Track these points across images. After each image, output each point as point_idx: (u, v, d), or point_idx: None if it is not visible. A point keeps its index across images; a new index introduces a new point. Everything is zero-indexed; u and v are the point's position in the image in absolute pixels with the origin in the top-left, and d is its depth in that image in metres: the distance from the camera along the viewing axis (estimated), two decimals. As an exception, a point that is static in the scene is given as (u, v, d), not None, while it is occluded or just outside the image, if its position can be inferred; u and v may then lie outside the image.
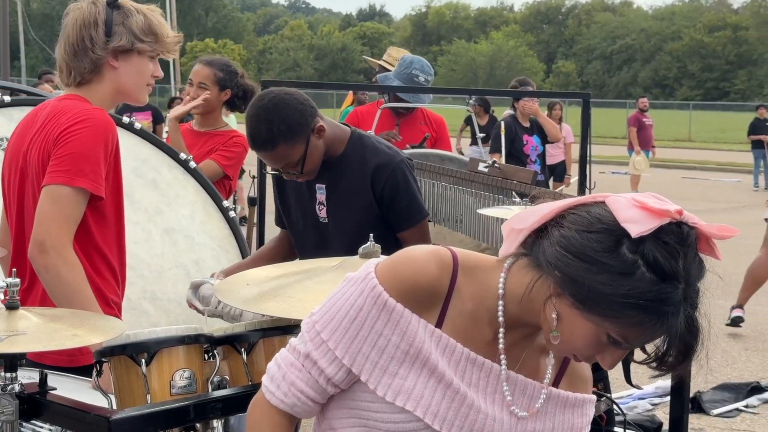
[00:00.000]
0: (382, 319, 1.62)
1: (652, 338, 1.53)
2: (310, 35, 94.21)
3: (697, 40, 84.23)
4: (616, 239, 1.51)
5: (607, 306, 1.50)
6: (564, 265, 1.53)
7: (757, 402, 6.16)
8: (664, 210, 1.52)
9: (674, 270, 1.50)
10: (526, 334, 1.70)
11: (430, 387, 1.63)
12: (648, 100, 20.12)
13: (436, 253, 1.65)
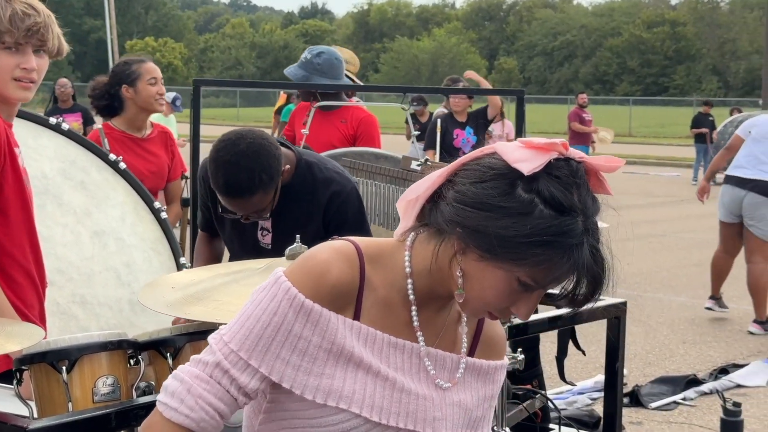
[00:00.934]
0: (300, 321, 1.58)
1: (561, 275, 1.53)
2: (252, 33, 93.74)
3: (636, 36, 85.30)
4: (510, 182, 1.53)
5: (512, 249, 1.50)
6: (464, 219, 1.54)
7: (694, 394, 6.22)
8: (550, 144, 1.55)
9: (571, 202, 1.52)
10: (440, 307, 1.69)
11: (360, 380, 1.61)
12: (587, 96, 20.29)
13: (340, 250, 1.64)
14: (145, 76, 4.68)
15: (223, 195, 3.06)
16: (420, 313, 1.66)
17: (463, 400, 1.71)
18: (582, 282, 1.54)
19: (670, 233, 13.95)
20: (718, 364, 6.90)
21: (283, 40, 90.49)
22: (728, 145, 8.14)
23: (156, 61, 4.85)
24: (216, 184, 3.04)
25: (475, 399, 1.74)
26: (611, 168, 1.59)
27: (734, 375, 6.60)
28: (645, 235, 13.68)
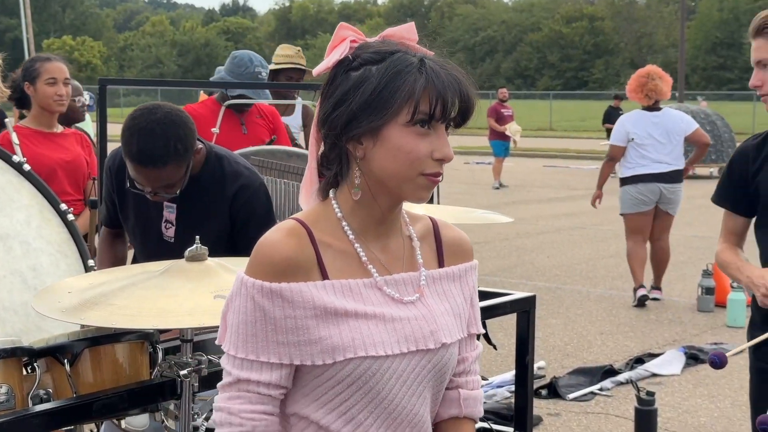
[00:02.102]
0: (277, 304, 1.68)
1: (434, 93, 1.68)
2: (173, 31, 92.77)
3: (556, 31, 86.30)
4: (342, 76, 1.71)
5: (383, 104, 1.67)
6: (339, 124, 1.69)
7: (610, 384, 6.31)
8: (340, 37, 1.74)
9: (391, 47, 1.73)
10: (387, 234, 1.78)
11: (351, 328, 1.69)
12: (508, 91, 20.46)
13: (281, 228, 1.74)
14: (44, 76, 4.59)
15: (135, 163, 2.97)
16: (371, 248, 1.76)
17: (449, 308, 1.81)
18: (447, 92, 1.69)
19: (590, 226, 14.14)
20: (634, 354, 7.00)
21: (205, 37, 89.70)
22: (611, 156, 8.85)
23: (74, 60, 4.79)
24: (128, 152, 2.96)
25: (459, 302, 1.84)
26: (409, 33, 1.78)
27: (650, 364, 6.71)
28: (565, 228, 13.86)
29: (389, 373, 1.71)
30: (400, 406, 1.73)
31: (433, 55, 1.77)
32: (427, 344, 1.74)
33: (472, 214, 3.84)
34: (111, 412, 2.31)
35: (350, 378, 1.69)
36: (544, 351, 7.16)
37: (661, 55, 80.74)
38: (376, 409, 1.72)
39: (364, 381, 1.69)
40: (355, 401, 1.71)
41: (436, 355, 1.76)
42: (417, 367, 1.74)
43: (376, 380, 1.70)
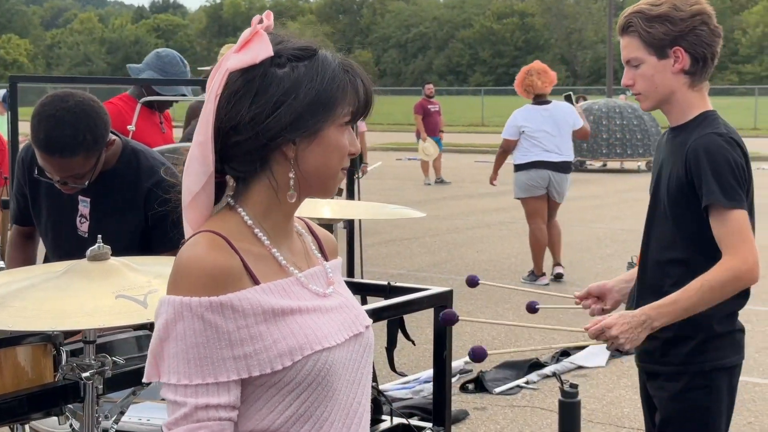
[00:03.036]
0: (230, 317, 1.61)
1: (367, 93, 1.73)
2: (102, 28, 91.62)
3: (487, 28, 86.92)
4: (270, 75, 1.66)
5: (325, 106, 1.67)
6: (277, 126, 1.64)
7: (536, 378, 6.35)
8: (254, 31, 1.69)
9: (305, 44, 1.70)
10: (288, 234, 1.78)
11: (301, 324, 1.67)
12: (434, 87, 20.49)
13: (204, 241, 1.66)
14: None
15: (42, 151, 2.90)
16: (282, 248, 1.74)
17: (348, 296, 1.84)
18: (371, 91, 1.74)
19: (519, 220, 14.14)
20: (561, 347, 7.05)
21: (134, 35, 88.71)
22: (504, 148, 9.56)
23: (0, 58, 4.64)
24: (36, 139, 2.88)
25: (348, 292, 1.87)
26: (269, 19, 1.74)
27: (575, 357, 6.76)
28: (495, 223, 13.94)
29: (339, 363, 1.70)
30: (349, 396, 1.72)
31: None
32: (357, 328, 1.76)
33: (384, 209, 3.83)
34: (11, 417, 2.25)
35: (310, 376, 1.66)
36: (472, 345, 7.17)
37: (590, 50, 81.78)
38: (330, 402, 1.69)
39: (323, 377, 1.67)
40: (314, 399, 1.67)
41: (364, 338, 1.78)
42: (355, 353, 1.75)
43: (332, 373, 1.68)
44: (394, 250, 11.49)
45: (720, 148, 2.72)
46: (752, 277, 2.67)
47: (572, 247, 11.36)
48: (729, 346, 2.81)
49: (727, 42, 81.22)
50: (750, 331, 7.49)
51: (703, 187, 2.69)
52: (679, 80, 2.79)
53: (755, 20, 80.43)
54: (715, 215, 2.68)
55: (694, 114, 2.82)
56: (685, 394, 2.81)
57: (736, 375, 2.85)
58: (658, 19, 2.76)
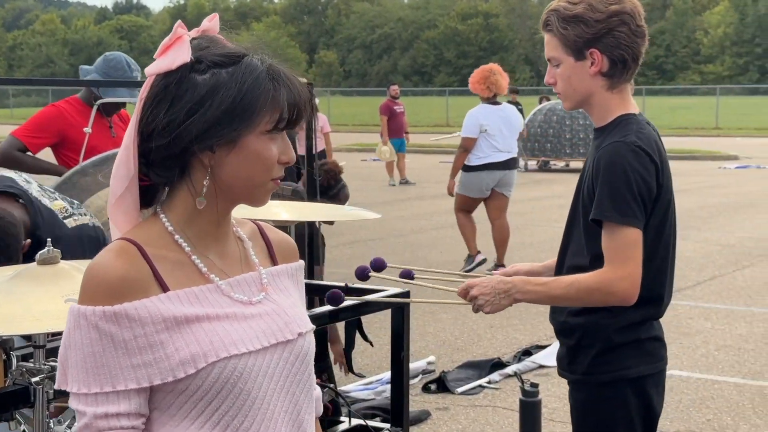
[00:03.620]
0: (125, 326, 1.59)
1: (292, 100, 1.67)
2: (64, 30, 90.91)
3: (452, 28, 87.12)
4: (188, 80, 1.63)
5: (243, 115, 1.63)
6: (191, 134, 1.62)
7: (498, 377, 6.37)
8: (176, 36, 1.66)
9: (233, 50, 1.67)
10: (222, 238, 1.75)
11: (207, 332, 1.64)
12: (399, 87, 20.50)
13: (112, 249, 1.66)
14: None
15: None
16: (209, 255, 1.72)
17: (293, 301, 1.81)
18: (300, 99, 1.68)
19: (482, 220, 14.22)
20: (522, 347, 7.08)
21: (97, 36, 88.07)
22: (465, 147, 9.84)
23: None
24: None
25: (297, 297, 1.84)
26: (216, 26, 1.74)
27: (537, 356, 6.79)
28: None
29: (255, 371, 1.66)
30: (272, 404, 1.69)
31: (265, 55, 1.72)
32: (285, 335, 1.72)
33: (339, 210, 3.83)
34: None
35: (218, 383, 1.63)
36: (434, 346, 7.20)
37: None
38: (250, 412, 1.66)
39: (233, 383, 1.64)
40: (228, 407, 1.64)
41: (296, 345, 1.74)
42: (281, 360, 1.71)
43: (244, 380, 1.65)
44: (358, 251, 11.47)
45: (621, 158, 2.59)
46: (625, 296, 2.58)
47: (535, 247, 11.41)
48: (633, 356, 2.71)
49: (689, 42, 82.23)
50: (709, 329, 7.62)
51: (596, 199, 2.60)
52: (597, 82, 2.69)
53: (717, 20, 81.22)
54: (606, 229, 2.59)
55: (613, 117, 2.71)
56: (591, 405, 2.75)
57: (651, 385, 2.75)
58: (573, 20, 2.65)
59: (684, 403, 5.89)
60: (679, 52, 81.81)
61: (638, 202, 2.58)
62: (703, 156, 27.09)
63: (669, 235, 2.74)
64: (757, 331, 7.57)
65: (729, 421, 5.58)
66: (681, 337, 7.42)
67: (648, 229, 2.63)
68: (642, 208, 2.59)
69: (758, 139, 35.30)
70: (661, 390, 2.80)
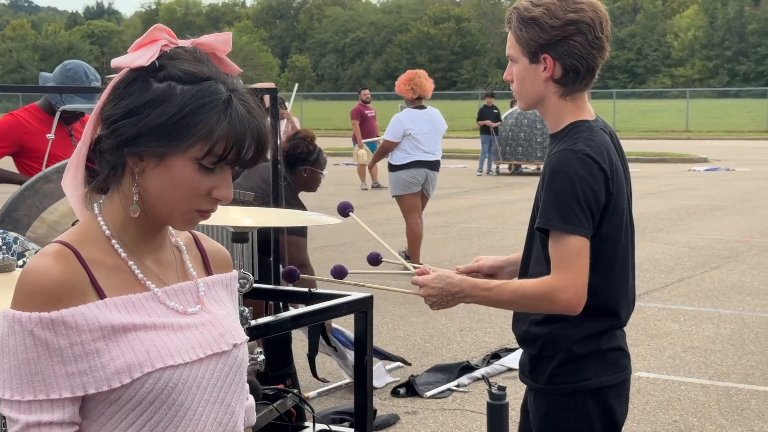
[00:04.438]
0: (61, 334, 1.57)
1: (233, 137, 1.61)
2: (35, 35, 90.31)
3: (424, 32, 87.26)
4: (143, 81, 1.62)
5: (174, 133, 1.59)
6: (123, 135, 1.60)
7: (467, 381, 6.38)
8: (151, 37, 1.64)
9: (203, 71, 1.63)
10: (160, 246, 1.74)
11: (143, 341, 1.62)
12: (371, 92, 20.52)
13: (49, 252, 1.63)
14: None
15: None
16: (145, 261, 1.70)
17: (227, 311, 1.80)
18: (246, 137, 1.62)
19: (454, 224, 14.31)
20: (492, 350, 7.10)
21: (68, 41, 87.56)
22: (386, 149, 10.40)
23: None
24: None
25: (231, 307, 1.84)
26: (223, 44, 1.69)
27: (506, 359, 6.81)
28: (430, 227, 13.97)
29: (190, 382, 1.65)
30: (205, 416, 1.68)
31: (239, 81, 1.68)
32: (220, 347, 1.71)
33: (299, 216, 3.83)
34: None
35: (152, 394, 1.62)
36: (404, 349, 7.21)
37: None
38: (182, 422, 1.65)
39: (167, 395, 1.62)
40: (160, 418, 1.63)
41: (230, 356, 1.74)
42: (215, 371, 1.70)
43: (179, 391, 1.64)
44: (329, 256, 11.48)
45: (568, 167, 2.54)
46: (567, 305, 2.55)
47: (506, 250, 11.44)
48: (594, 367, 2.67)
49: (660, 46, 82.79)
50: (677, 330, 7.68)
51: (541, 208, 2.57)
52: (549, 88, 2.64)
53: (687, 24, 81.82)
54: (552, 237, 2.55)
55: (565, 123, 2.66)
56: (552, 414, 2.73)
57: (613, 395, 2.72)
58: (530, 22, 2.62)
59: (651, 404, 5.93)
60: (649, 56, 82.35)
61: (584, 210, 2.53)
62: (674, 159, 27.27)
63: (626, 244, 2.70)
64: (723, 333, 7.64)
65: (695, 422, 5.62)
66: (648, 338, 7.47)
67: (602, 238, 2.59)
68: (589, 216, 2.54)
69: (727, 142, 35.61)
70: (624, 400, 2.78)
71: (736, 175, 22.20)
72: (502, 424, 5.07)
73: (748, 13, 78.77)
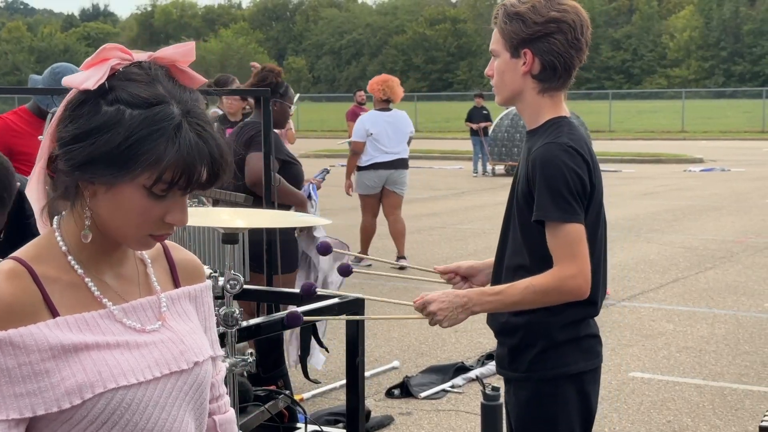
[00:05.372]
0: (9, 354, 1.54)
1: (181, 164, 1.55)
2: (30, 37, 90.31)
3: (420, 34, 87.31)
4: (93, 104, 1.56)
5: (122, 160, 1.54)
6: (73, 158, 1.55)
7: (462, 381, 6.38)
8: (102, 57, 1.59)
9: (154, 94, 1.56)
10: (120, 262, 1.70)
11: (96, 361, 1.59)
12: (365, 93, 20.53)
13: (2, 272, 1.59)
14: None
15: None
16: (103, 277, 1.67)
17: (193, 327, 1.75)
18: (196, 163, 1.56)
19: (450, 225, 14.31)
20: (486, 351, 7.10)
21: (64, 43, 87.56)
22: (354, 150, 10.90)
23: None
24: None
25: (199, 321, 1.79)
26: (184, 55, 1.63)
27: (500, 360, 6.80)
28: (426, 228, 13.99)
29: (144, 402, 1.61)
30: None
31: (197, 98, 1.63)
32: (179, 365, 1.67)
33: (289, 217, 3.83)
34: None
35: (104, 415, 1.57)
36: (399, 351, 7.21)
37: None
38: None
39: (120, 415, 1.58)
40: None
41: (191, 375, 1.70)
42: (174, 390, 1.66)
43: (132, 411, 1.59)
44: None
45: (556, 158, 2.64)
46: (579, 291, 2.65)
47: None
48: (572, 353, 2.77)
49: (656, 46, 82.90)
50: (671, 331, 7.69)
51: (536, 200, 2.65)
52: (527, 83, 2.75)
53: (682, 24, 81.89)
54: (549, 228, 2.63)
55: (544, 120, 2.76)
56: (532, 402, 2.79)
57: (588, 381, 2.81)
58: (515, 17, 2.73)
59: (645, 404, 5.93)
60: (645, 56, 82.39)
61: (576, 198, 2.63)
62: (669, 159, 27.31)
63: (602, 234, 2.80)
64: (718, 333, 7.64)
65: (689, 423, 5.63)
66: (643, 339, 7.48)
67: (585, 227, 2.68)
68: (580, 204, 2.65)
69: (723, 142, 35.66)
70: (597, 387, 2.87)
71: (732, 175, 22.23)
72: (496, 424, 5.07)
73: (744, 13, 78.86)
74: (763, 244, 12.10)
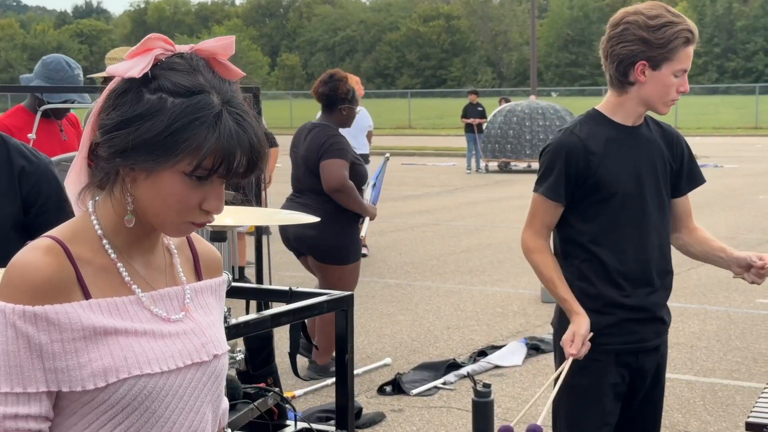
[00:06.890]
0: (43, 329, 1.58)
1: (221, 152, 1.59)
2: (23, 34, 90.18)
3: (414, 30, 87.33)
4: (136, 92, 1.60)
5: (164, 147, 1.58)
6: (116, 145, 1.60)
7: (454, 378, 6.39)
8: (146, 47, 1.63)
9: (195, 83, 1.61)
10: (151, 249, 1.74)
11: (123, 347, 1.63)
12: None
13: (37, 246, 1.64)
14: None
15: None
16: (134, 263, 1.70)
17: (213, 320, 1.79)
18: (236, 151, 1.60)
19: (443, 222, 14.32)
20: (478, 347, 7.11)
21: (57, 40, 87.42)
22: None
23: None
24: None
25: (217, 314, 1.83)
26: (225, 48, 1.67)
27: (492, 356, 6.82)
28: (419, 225, 14.01)
29: (165, 391, 1.65)
30: (178, 424, 1.68)
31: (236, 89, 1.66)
32: (201, 357, 1.71)
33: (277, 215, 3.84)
34: None
35: (125, 400, 1.62)
36: (391, 348, 7.21)
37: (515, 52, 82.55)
38: (153, 429, 1.65)
39: (140, 402, 1.62)
40: (131, 423, 1.63)
41: (210, 367, 1.74)
42: (193, 381, 1.70)
43: (152, 399, 1.64)
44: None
45: None
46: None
47: (494, 248, 11.47)
48: None
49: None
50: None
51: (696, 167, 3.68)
52: None
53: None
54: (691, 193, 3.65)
55: None
56: None
57: None
58: None
59: (636, 401, 5.94)
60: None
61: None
62: (662, 155, 27.31)
63: None
64: (709, 329, 7.66)
65: (680, 418, 5.64)
66: (635, 335, 7.48)
67: None
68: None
69: (716, 138, 35.72)
70: None
71: (725, 171, 22.25)
72: (487, 421, 5.07)
73: (737, 9, 78.98)
74: (755, 240, 12.14)
